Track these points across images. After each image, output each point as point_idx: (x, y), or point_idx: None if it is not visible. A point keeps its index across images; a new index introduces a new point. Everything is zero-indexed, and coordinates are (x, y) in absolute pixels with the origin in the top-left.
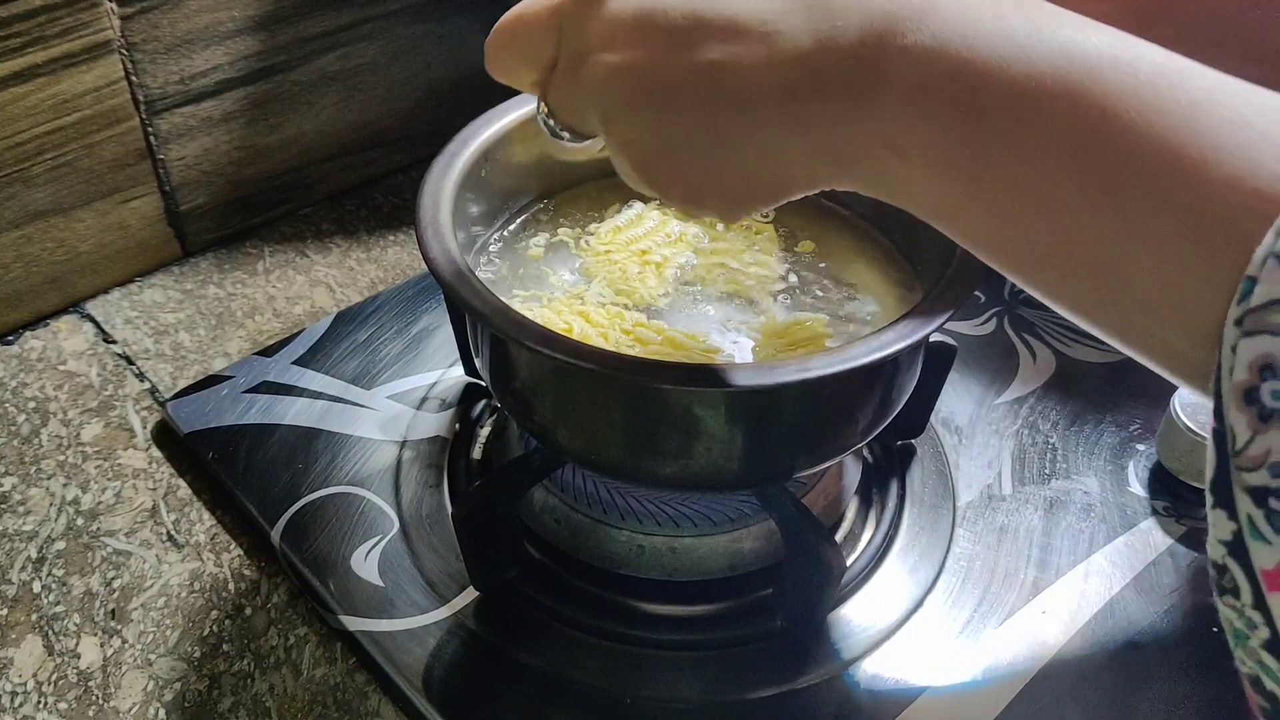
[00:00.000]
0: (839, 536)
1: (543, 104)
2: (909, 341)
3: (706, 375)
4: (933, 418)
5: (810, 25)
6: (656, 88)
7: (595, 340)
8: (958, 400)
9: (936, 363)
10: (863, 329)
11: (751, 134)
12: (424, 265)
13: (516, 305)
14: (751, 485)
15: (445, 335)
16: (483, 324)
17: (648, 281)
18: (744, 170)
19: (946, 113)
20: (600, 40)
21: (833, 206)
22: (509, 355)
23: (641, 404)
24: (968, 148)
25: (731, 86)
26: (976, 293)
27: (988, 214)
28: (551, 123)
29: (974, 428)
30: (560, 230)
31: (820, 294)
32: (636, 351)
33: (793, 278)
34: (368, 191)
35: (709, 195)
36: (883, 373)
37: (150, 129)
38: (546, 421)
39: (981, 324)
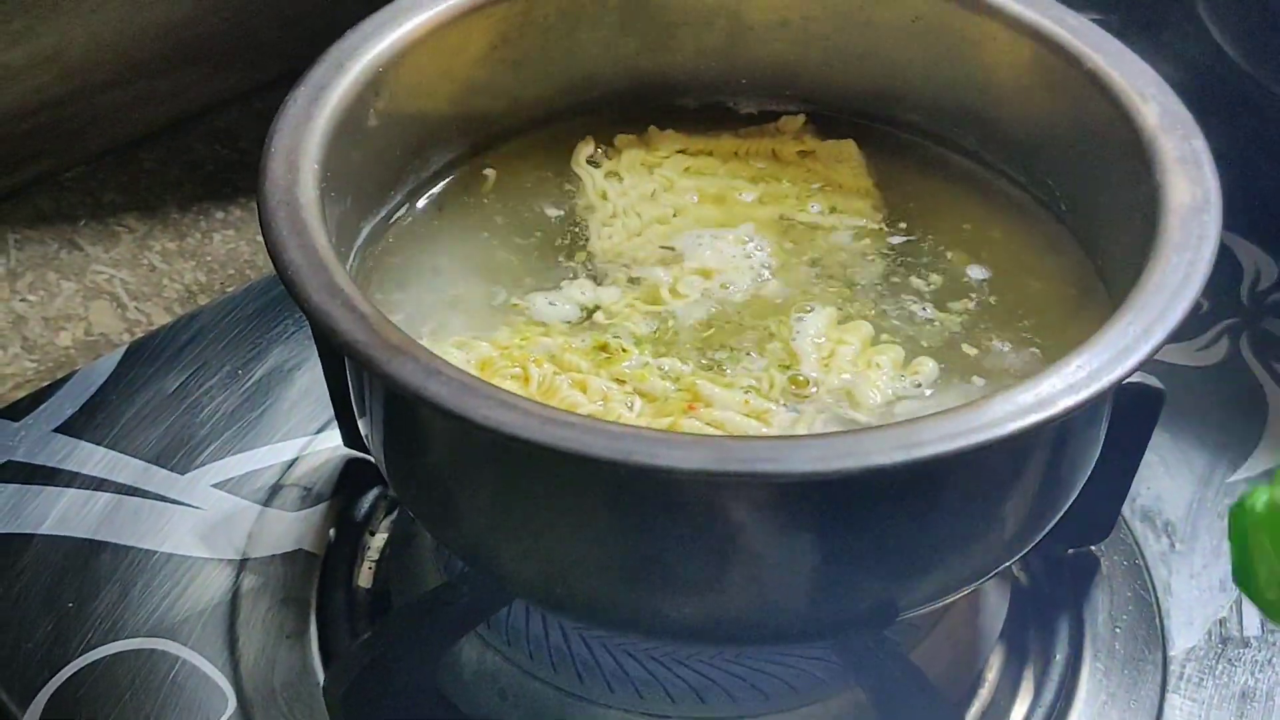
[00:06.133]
0: (973, 713)
1: None
2: (1090, 392)
3: (748, 454)
4: (1125, 509)
5: None
6: None
7: (566, 396)
8: (1168, 478)
9: (1133, 418)
10: (1005, 361)
11: None
12: (272, 265)
13: (432, 339)
14: (827, 635)
15: (311, 381)
16: (371, 370)
17: (681, 290)
18: None
19: None
20: None
21: (960, 160)
22: (416, 423)
23: (641, 504)
24: None
25: None
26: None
27: None
28: None
29: (1195, 525)
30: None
31: (933, 301)
32: (636, 416)
33: (895, 276)
34: (178, 138)
35: None
36: (1043, 443)
37: None
38: (481, 533)
39: (1204, 348)
